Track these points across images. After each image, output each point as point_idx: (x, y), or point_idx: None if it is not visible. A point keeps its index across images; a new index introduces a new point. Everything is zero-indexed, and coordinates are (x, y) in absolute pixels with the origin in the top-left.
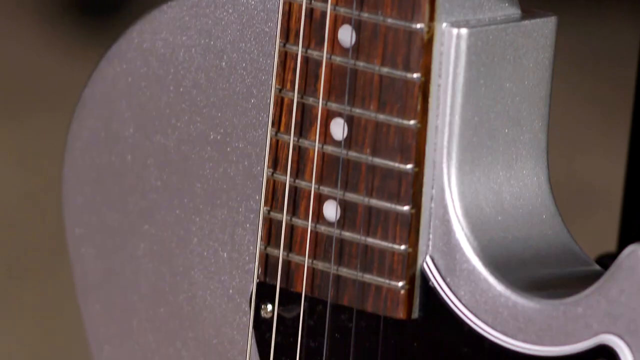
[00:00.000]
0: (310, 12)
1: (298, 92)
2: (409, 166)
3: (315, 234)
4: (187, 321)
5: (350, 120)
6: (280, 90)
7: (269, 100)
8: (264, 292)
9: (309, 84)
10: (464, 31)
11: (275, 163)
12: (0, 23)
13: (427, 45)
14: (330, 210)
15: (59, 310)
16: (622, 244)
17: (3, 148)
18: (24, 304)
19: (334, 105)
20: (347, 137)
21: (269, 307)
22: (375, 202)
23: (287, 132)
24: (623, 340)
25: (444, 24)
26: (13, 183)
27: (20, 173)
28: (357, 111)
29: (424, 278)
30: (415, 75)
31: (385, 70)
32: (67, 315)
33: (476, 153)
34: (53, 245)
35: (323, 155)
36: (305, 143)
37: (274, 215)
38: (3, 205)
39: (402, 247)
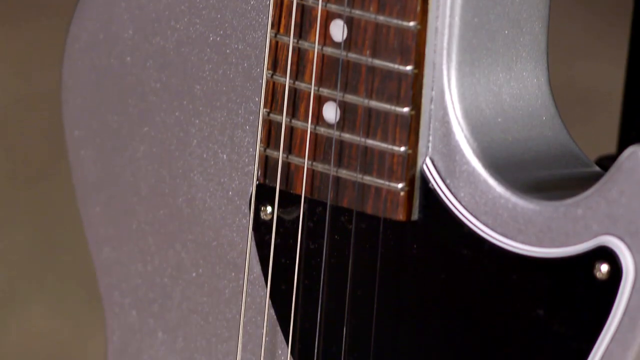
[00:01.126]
0: None
1: None
2: (409, 68)
3: (315, 136)
4: (187, 223)
5: (349, 22)
6: None
7: (268, 2)
8: (264, 194)
9: None
10: None
11: (275, 65)
12: None
13: None
14: (330, 112)
15: (59, 217)
16: (622, 147)
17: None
18: (24, 210)
19: (333, 7)
20: (346, 39)
21: (269, 209)
22: (375, 103)
23: (287, 33)
24: (623, 241)
25: None
26: (11, 89)
27: (18, 79)
28: (357, 12)
29: (424, 180)
30: None
31: None
32: (67, 221)
33: (476, 54)
34: (53, 151)
35: (323, 57)
36: (304, 44)
37: (274, 117)
38: (1, 111)
39: (402, 148)
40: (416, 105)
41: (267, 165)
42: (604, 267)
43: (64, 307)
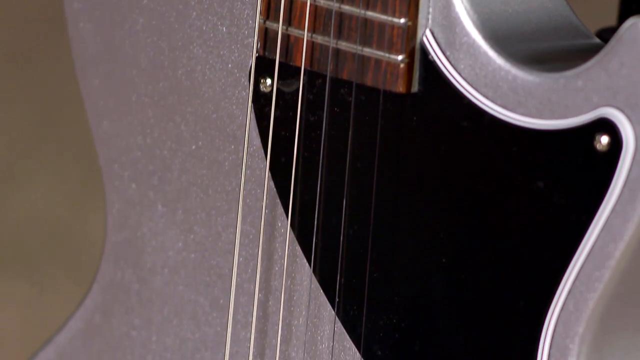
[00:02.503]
0: None
1: None
2: None
3: (315, 7)
4: (186, 96)
5: None
6: None
7: None
8: (263, 66)
9: None
10: None
11: None
12: None
13: None
14: None
15: (58, 93)
16: (622, 19)
17: None
18: (24, 87)
19: None
20: None
21: (268, 81)
22: None
23: None
24: (623, 113)
25: None
26: None
27: None
28: None
29: (424, 52)
30: None
31: None
32: (66, 97)
33: None
34: (53, 27)
35: None
36: None
37: None
38: None
39: (402, 20)
40: None
41: (267, 37)
42: (604, 139)
43: (63, 183)
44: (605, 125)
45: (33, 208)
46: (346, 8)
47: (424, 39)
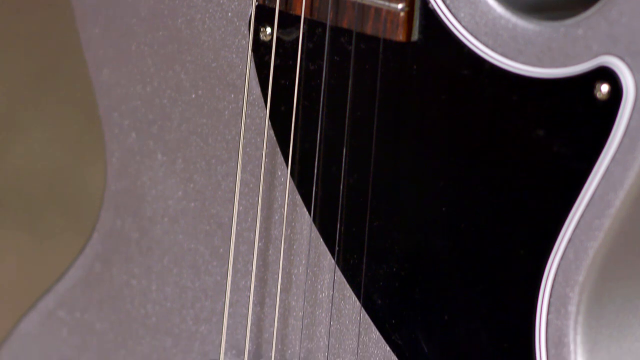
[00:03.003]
0: None
1: None
2: None
3: None
4: (186, 45)
5: None
6: None
7: None
8: (263, 15)
9: None
10: None
11: None
12: None
13: None
14: None
15: (59, 43)
16: None
17: None
18: (24, 37)
19: None
20: None
21: (268, 29)
22: None
23: None
24: (623, 61)
25: None
26: None
27: None
28: None
29: (424, 0)
30: None
31: None
32: (66, 47)
33: None
34: None
35: None
36: None
37: None
38: None
39: None
40: None
41: None
42: (604, 87)
43: (63, 133)
44: (605, 74)
45: (33, 158)
46: None
47: None
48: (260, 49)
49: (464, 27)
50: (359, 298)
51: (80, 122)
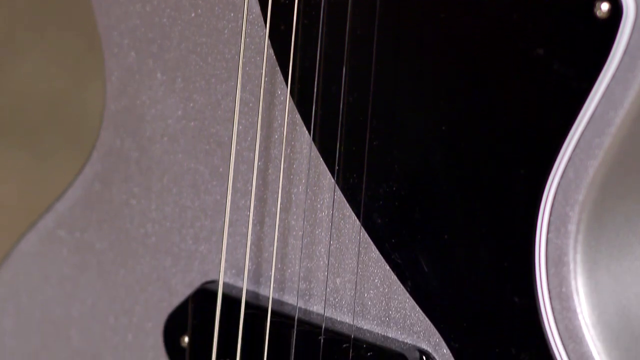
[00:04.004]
0: None
1: None
2: None
3: None
4: None
5: None
6: None
7: None
8: None
9: None
10: None
11: None
12: None
13: None
14: None
15: None
16: None
17: None
18: None
19: None
20: None
21: None
22: None
23: None
24: None
25: None
26: None
27: None
28: None
29: None
30: None
31: None
32: None
33: None
34: None
35: None
36: None
37: None
38: None
39: None
40: None
41: None
42: (605, 6)
43: (63, 54)
44: None
45: (33, 79)
46: None
47: None
48: None
49: None
50: (358, 217)
51: (79, 42)
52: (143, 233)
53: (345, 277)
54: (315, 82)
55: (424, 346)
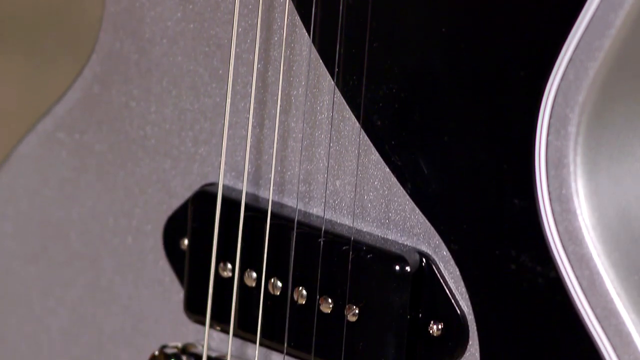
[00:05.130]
0: None
1: None
2: None
3: None
4: None
5: None
6: None
7: None
8: None
9: None
10: None
11: None
12: None
13: None
14: None
15: None
16: None
17: None
18: None
19: None
20: None
21: None
22: None
23: None
24: None
25: None
26: None
27: None
28: None
29: None
30: None
31: None
32: None
33: None
34: None
35: None
36: None
37: None
38: None
39: None
40: None
41: None
42: None
43: None
44: None
45: None
46: None
47: None
48: None
49: None
50: (358, 119)
51: None
52: (142, 135)
53: (345, 179)
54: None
55: (424, 248)
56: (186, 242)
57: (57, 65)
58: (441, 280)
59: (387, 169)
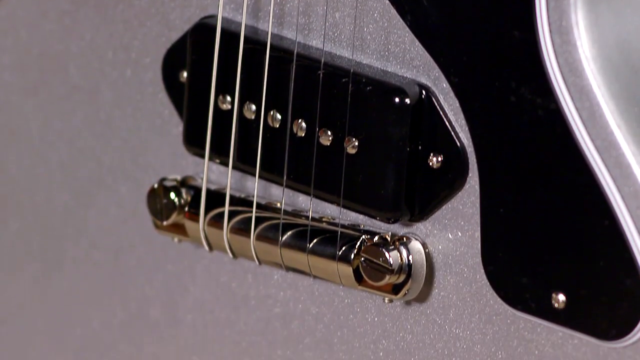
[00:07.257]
0: None
1: None
2: None
3: None
4: None
5: None
6: None
7: None
8: None
9: None
10: None
11: None
12: None
13: None
14: None
15: None
16: None
17: None
18: None
19: None
20: None
21: None
22: None
23: None
24: None
25: None
26: None
27: None
28: None
29: None
30: None
31: None
32: None
33: None
34: None
35: None
36: None
37: None
38: None
39: None
40: None
41: None
42: None
43: None
44: None
45: None
46: None
47: None
48: None
49: None
50: None
51: None
52: None
53: (345, 11)
54: None
55: (424, 80)
56: (185, 74)
57: None
58: (441, 112)
59: (387, 1)
